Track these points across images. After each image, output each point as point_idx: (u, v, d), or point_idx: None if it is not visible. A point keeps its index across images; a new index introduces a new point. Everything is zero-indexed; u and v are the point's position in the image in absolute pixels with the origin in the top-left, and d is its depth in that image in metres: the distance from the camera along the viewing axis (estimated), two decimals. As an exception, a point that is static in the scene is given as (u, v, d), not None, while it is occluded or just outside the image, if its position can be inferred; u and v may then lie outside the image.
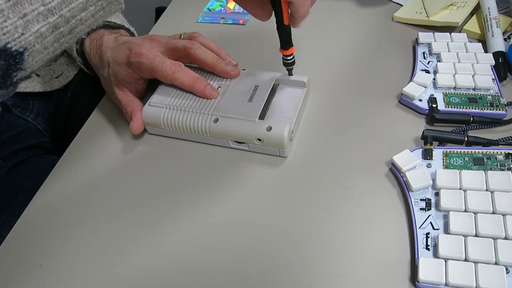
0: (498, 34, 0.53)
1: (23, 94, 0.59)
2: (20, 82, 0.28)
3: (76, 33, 0.29)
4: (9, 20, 0.24)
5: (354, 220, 0.39)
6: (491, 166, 0.40)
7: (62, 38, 0.28)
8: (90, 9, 0.28)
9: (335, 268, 0.36)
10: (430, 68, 0.52)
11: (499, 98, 0.46)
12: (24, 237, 0.42)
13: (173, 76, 0.47)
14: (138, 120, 0.48)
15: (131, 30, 0.57)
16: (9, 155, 0.56)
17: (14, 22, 0.24)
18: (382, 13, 0.63)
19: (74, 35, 0.29)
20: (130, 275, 0.38)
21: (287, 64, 0.46)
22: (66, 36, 0.28)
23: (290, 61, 0.46)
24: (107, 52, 0.50)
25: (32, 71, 0.28)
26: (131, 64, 0.47)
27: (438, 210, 0.38)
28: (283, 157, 0.45)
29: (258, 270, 0.37)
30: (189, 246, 0.39)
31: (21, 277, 0.39)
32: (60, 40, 0.28)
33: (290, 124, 0.44)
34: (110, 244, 0.40)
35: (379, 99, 0.50)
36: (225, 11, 0.68)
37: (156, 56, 0.47)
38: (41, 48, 0.27)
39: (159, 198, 0.43)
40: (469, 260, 0.34)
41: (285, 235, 0.39)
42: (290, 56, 0.45)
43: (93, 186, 0.45)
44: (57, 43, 0.28)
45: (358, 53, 0.57)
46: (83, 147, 0.50)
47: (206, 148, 0.47)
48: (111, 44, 0.51)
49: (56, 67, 0.63)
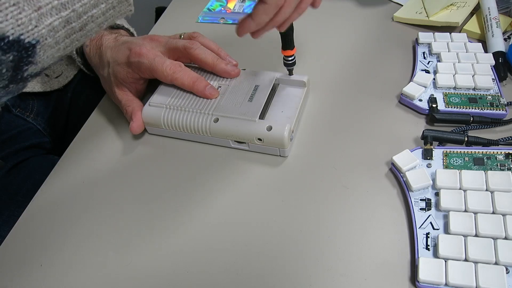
0: (498, 34, 0.53)
1: (23, 94, 0.59)
2: (30, 79, 0.29)
3: (87, 31, 0.30)
4: (24, 12, 0.25)
5: (354, 220, 0.39)
6: (491, 166, 0.40)
7: (74, 35, 0.29)
8: (101, 7, 0.29)
9: (335, 268, 0.36)
10: (430, 68, 0.52)
11: (499, 98, 0.46)
12: (24, 237, 0.42)
13: (173, 76, 0.47)
14: (138, 120, 0.48)
15: (130, 30, 0.57)
16: (9, 155, 0.56)
17: (29, 14, 0.25)
18: (382, 13, 0.63)
19: (85, 33, 0.30)
20: (130, 275, 0.38)
21: (288, 65, 0.47)
22: (77, 32, 0.29)
23: (291, 62, 0.46)
24: (107, 52, 0.50)
25: (42, 68, 0.29)
26: (131, 64, 0.47)
27: (438, 210, 0.38)
28: (283, 157, 0.45)
29: (258, 270, 0.37)
30: (189, 246, 0.39)
31: (21, 277, 0.39)
32: (72, 36, 0.29)
33: (291, 124, 0.44)
34: (110, 244, 0.40)
35: (379, 99, 0.50)
36: (225, 11, 0.68)
37: (156, 56, 0.47)
38: (52, 43, 0.27)
39: (159, 198, 0.43)
40: (469, 260, 0.34)
41: (285, 235, 0.39)
42: (292, 57, 0.46)
43: (93, 186, 0.45)
44: (68, 39, 0.28)
45: (358, 53, 0.57)
46: (83, 147, 0.50)
47: (206, 148, 0.47)
48: (111, 44, 0.51)
49: (56, 67, 0.63)
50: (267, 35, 0.41)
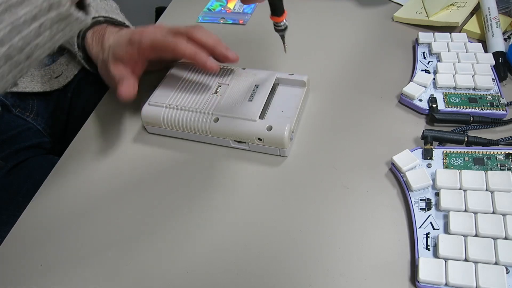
0: (498, 34, 0.53)
1: (23, 94, 0.59)
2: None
3: (37, 57, 0.28)
4: None
5: (354, 220, 0.39)
6: (491, 166, 0.40)
7: (20, 65, 0.27)
8: (45, 34, 0.27)
9: (335, 268, 0.36)
10: (430, 68, 0.52)
11: (499, 98, 0.46)
12: (24, 237, 0.42)
13: (176, 45, 0.45)
14: (128, 84, 0.45)
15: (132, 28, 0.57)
16: (9, 155, 0.56)
17: None
18: (382, 13, 0.63)
19: (35, 59, 0.28)
20: (130, 274, 0.38)
21: (280, 30, 0.44)
22: (25, 62, 0.27)
23: (282, 28, 0.44)
24: (109, 38, 0.50)
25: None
26: (133, 42, 0.46)
27: (438, 210, 0.38)
28: (283, 157, 0.45)
29: (258, 270, 0.37)
30: (189, 245, 0.39)
31: (21, 277, 0.39)
32: (19, 66, 0.27)
33: (291, 124, 0.44)
34: (110, 244, 0.40)
35: (379, 99, 0.50)
36: (225, 11, 0.68)
37: (158, 30, 0.46)
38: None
39: (159, 197, 0.43)
40: (469, 260, 0.34)
41: (285, 235, 0.39)
42: (282, 23, 0.43)
43: (93, 186, 0.45)
44: (16, 70, 0.27)
45: (358, 53, 0.57)
46: (83, 147, 0.50)
47: (206, 148, 0.47)
48: (114, 31, 0.51)
49: (56, 67, 0.63)
50: (267, 35, 0.41)
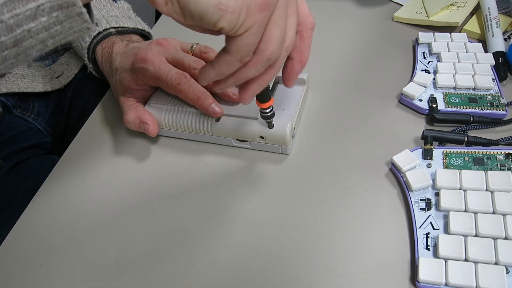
0: (498, 34, 0.53)
1: (23, 94, 0.59)
2: None
3: (25, 49, 0.25)
4: None
5: (354, 220, 0.39)
6: (491, 166, 0.40)
7: (5, 51, 0.24)
8: (42, 20, 0.25)
9: (335, 268, 0.36)
10: (430, 68, 0.52)
11: (499, 98, 0.46)
12: (24, 237, 0.42)
13: (178, 88, 0.44)
14: (153, 122, 0.46)
15: (146, 30, 0.55)
16: (9, 155, 0.56)
17: None
18: (382, 13, 0.63)
19: (23, 50, 0.25)
20: (130, 274, 0.38)
21: (266, 117, 0.42)
22: (11, 49, 0.25)
23: (269, 114, 0.41)
24: (116, 59, 0.49)
25: None
26: (136, 70, 0.45)
27: (438, 210, 0.38)
28: (285, 154, 0.45)
29: (258, 269, 0.37)
30: (189, 245, 0.39)
31: (21, 277, 0.39)
32: (3, 53, 0.24)
33: (292, 121, 0.44)
34: (110, 243, 0.40)
35: (379, 99, 0.50)
36: (225, 11, 0.68)
37: (161, 63, 0.45)
38: None
39: (160, 197, 0.43)
40: (469, 260, 0.34)
41: (285, 235, 0.39)
42: (269, 109, 0.40)
43: (93, 186, 0.45)
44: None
45: (358, 53, 0.57)
46: (83, 147, 0.50)
47: (207, 147, 0.47)
48: (120, 51, 0.49)
49: (56, 67, 0.63)
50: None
